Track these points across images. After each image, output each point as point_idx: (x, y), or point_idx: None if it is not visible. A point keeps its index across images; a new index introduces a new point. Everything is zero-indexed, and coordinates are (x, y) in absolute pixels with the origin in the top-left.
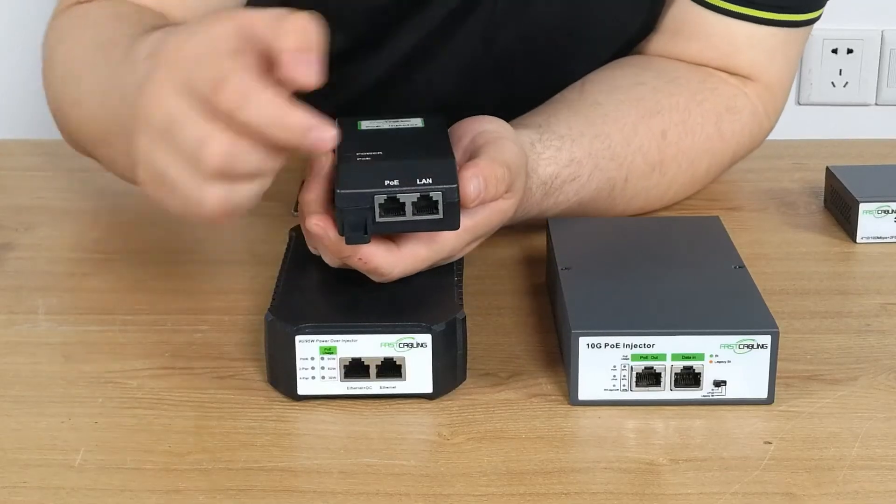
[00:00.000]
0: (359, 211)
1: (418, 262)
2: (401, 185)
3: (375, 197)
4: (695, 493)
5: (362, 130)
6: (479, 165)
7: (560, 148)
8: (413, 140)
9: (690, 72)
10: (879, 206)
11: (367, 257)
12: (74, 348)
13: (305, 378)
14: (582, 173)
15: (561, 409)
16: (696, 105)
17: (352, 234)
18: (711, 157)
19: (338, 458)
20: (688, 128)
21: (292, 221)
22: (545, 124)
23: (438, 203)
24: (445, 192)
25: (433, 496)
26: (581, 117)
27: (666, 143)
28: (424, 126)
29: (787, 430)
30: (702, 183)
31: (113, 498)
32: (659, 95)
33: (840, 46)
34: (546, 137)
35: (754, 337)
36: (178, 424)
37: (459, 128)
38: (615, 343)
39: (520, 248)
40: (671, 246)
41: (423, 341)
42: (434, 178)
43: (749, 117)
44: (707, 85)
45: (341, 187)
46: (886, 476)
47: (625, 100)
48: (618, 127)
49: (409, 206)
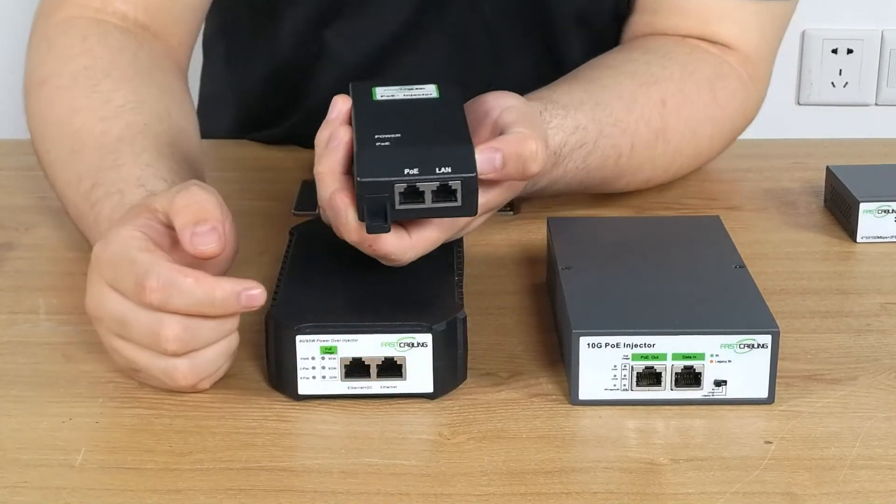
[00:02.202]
0: (379, 199)
1: (429, 245)
2: (420, 173)
3: (395, 186)
4: (695, 493)
5: (378, 101)
6: (505, 142)
7: (565, 116)
8: (430, 118)
9: (677, 44)
10: (879, 205)
11: (379, 243)
12: (75, 348)
13: (306, 378)
14: (588, 139)
15: (561, 408)
16: (688, 74)
17: (372, 223)
18: (713, 126)
19: (338, 457)
20: (685, 96)
21: (292, 221)
22: (547, 97)
23: (457, 191)
24: (464, 180)
25: (434, 496)
26: (579, 89)
27: (667, 111)
28: (440, 97)
29: (788, 430)
30: (706, 153)
31: (114, 498)
32: (653, 68)
33: (840, 46)
34: (550, 108)
35: (755, 337)
36: (178, 424)
37: (483, 103)
38: (616, 343)
39: (520, 248)
40: (671, 246)
41: (424, 341)
42: (453, 167)
43: (736, 82)
44: (694, 56)
45: (361, 175)
46: (886, 476)
47: (620, 73)
48: (616, 95)
49: (428, 194)
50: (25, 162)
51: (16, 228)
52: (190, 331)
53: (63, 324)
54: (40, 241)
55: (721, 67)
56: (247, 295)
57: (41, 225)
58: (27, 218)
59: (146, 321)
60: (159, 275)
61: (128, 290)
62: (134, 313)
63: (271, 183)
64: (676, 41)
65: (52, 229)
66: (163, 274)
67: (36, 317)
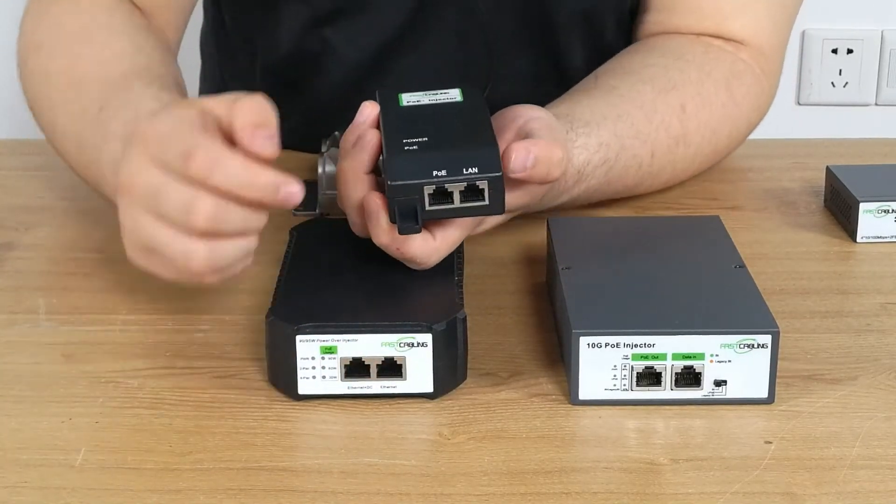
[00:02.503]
0: (409, 201)
1: (452, 245)
2: (448, 174)
3: (425, 188)
4: (695, 493)
5: (404, 107)
6: (537, 144)
7: (588, 134)
8: (455, 121)
9: (692, 44)
10: (879, 205)
11: (407, 246)
12: (75, 348)
13: (306, 378)
14: (610, 156)
15: (561, 408)
16: (706, 76)
17: (403, 225)
18: (731, 124)
19: (338, 457)
20: (704, 99)
21: (292, 221)
22: (571, 113)
23: (484, 191)
24: (491, 180)
25: (434, 496)
26: (601, 102)
27: (686, 116)
28: (463, 100)
29: (788, 430)
30: (724, 151)
31: (113, 498)
32: (671, 73)
33: (840, 46)
34: (576, 126)
35: (755, 336)
36: (178, 424)
37: (511, 111)
38: (616, 343)
39: (520, 248)
40: (671, 246)
41: (424, 341)
42: (480, 167)
43: (751, 78)
44: (710, 55)
45: (392, 179)
46: (886, 476)
47: (639, 80)
48: (637, 105)
49: (456, 194)
50: (25, 162)
51: (16, 228)
52: (222, 213)
53: (63, 324)
54: (40, 241)
55: (736, 65)
56: (286, 190)
57: (41, 225)
58: (27, 218)
59: (182, 194)
60: (208, 149)
61: (172, 161)
62: (171, 186)
63: None
64: (691, 40)
65: (52, 229)
66: (212, 148)
67: (36, 317)
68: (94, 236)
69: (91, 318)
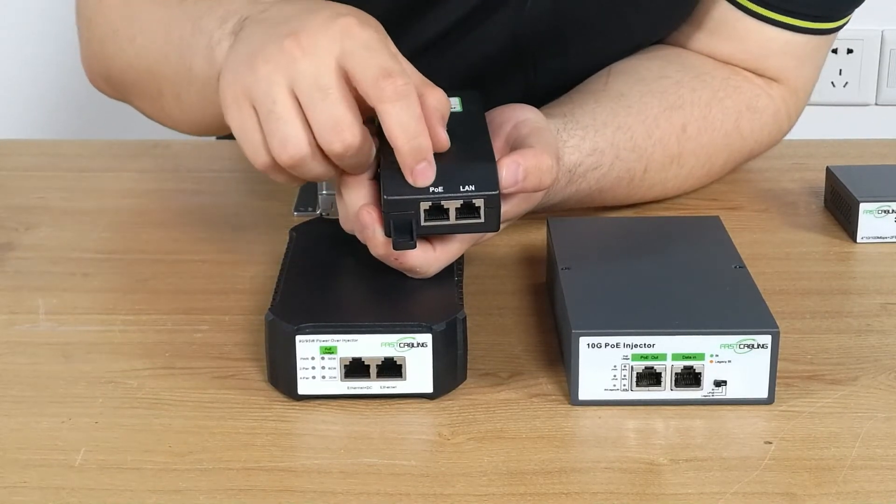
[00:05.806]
0: (404, 216)
1: (453, 256)
2: (444, 191)
3: (420, 204)
4: (695, 493)
5: None
6: (525, 155)
7: (584, 137)
8: (453, 134)
9: (716, 69)
10: (879, 206)
11: (405, 257)
12: (74, 348)
13: (306, 378)
14: (603, 163)
15: (561, 408)
16: (717, 102)
17: (398, 240)
18: (729, 153)
19: (338, 458)
20: (708, 123)
21: (292, 221)
22: (570, 114)
23: (480, 208)
24: (487, 198)
25: (434, 496)
26: (605, 108)
27: (686, 137)
28: (463, 111)
29: (788, 430)
30: (718, 175)
31: (113, 498)
32: (682, 90)
33: (840, 46)
34: (570, 126)
35: (755, 337)
36: (178, 424)
37: (500, 114)
38: (615, 343)
39: (520, 248)
40: (671, 246)
41: (424, 341)
42: (476, 185)
43: (770, 118)
44: (731, 83)
45: (387, 194)
46: (886, 476)
47: (648, 92)
48: (640, 119)
49: (452, 211)
50: (25, 162)
51: (16, 228)
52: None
53: (63, 324)
54: (40, 241)
55: (758, 100)
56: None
57: (41, 225)
58: (27, 218)
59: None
60: (411, 76)
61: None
62: (339, 90)
63: (271, 183)
64: (716, 64)
65: (53, 229)
66: (414, 78)
67: (36, 317)
68: (94, 236)
69: (90, 318)
